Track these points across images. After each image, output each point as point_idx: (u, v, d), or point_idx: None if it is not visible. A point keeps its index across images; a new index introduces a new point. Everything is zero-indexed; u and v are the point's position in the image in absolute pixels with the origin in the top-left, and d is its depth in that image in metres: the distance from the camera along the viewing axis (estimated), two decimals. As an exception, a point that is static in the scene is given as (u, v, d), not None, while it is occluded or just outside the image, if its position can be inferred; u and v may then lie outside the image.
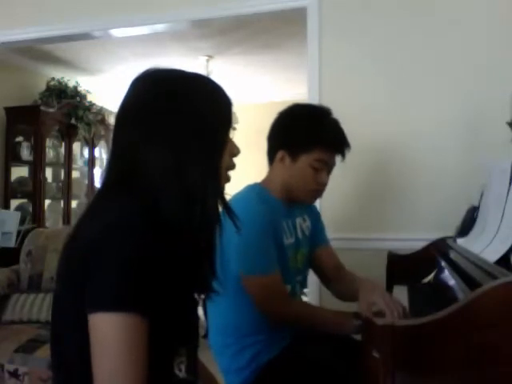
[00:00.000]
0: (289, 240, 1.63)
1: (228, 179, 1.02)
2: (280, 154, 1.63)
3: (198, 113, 0.94)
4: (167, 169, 0.90)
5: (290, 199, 1.67)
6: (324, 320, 1.53)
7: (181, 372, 0.93)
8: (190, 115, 0.93)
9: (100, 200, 0.95)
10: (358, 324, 1.34)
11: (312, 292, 2.36)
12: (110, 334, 0.79)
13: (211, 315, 1.66)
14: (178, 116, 0.92)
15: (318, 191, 1.67)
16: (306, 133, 1.60)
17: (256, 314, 1.52)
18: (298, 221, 1.72)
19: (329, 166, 1.65)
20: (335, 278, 1.78)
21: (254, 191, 1.62)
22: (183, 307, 0.93)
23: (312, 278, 1.84)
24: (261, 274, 1.50)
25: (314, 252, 1.79)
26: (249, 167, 5.12)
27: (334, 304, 1.78)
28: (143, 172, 0.90)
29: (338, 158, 1.67)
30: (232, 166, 1.02)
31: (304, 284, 1.79)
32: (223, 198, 0.98)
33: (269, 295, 1.50)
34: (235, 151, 1.02)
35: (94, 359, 0.80)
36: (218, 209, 0.95)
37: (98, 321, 0.80)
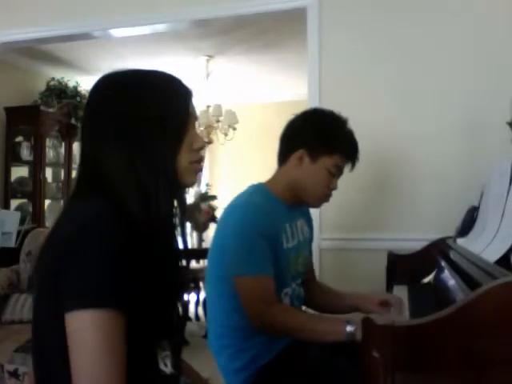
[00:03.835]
0: (290, 243, 1.59)
1: (195, 170, 0.98)
2: (299, 152, 1.58)
3: (147, 110, 0.92)
4: (122, 168, 0.90)
5: (295, 200, 1.64)
6: (312, 331, 1.41)
7: (167, 367, 0.93)
8: (139, 113, 0.92)
9: (73, 201, 0.95)
10: (351, 331, 1.29)
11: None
12: (86, 331, 0.78)
13: (210, 316, 1.64)
14: (127, 115, 0.92)
15: (327, 196, 1.65)
16: (332, 135, 1.59)
17: None
18: (300, 223, 1.69)
19: (340, 173, 1.64)
20: (307, 286, 1.73)
21: (258, 191, 1.60)
22: (162, 302, 0.92)
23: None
24: (249, 274, 1.46)
25: None
26: (250, 166, 5.12)
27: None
28: (105, 172, 0.91)
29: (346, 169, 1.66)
30: (198, 160, 0.98)
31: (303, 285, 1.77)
32: (179, 197, 0.95)
33: (254, 297, 1.45)
34: (197, 145, 0.97)
35: (71, 358, 0.78)
36: (171, 207, 0.93)
37: (74, 319, 0.79)
